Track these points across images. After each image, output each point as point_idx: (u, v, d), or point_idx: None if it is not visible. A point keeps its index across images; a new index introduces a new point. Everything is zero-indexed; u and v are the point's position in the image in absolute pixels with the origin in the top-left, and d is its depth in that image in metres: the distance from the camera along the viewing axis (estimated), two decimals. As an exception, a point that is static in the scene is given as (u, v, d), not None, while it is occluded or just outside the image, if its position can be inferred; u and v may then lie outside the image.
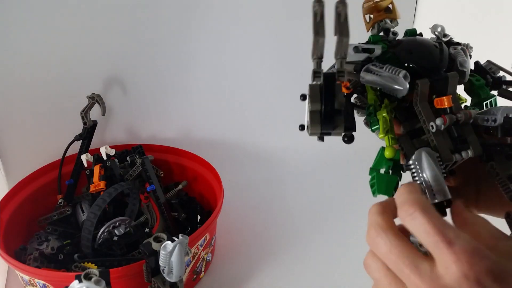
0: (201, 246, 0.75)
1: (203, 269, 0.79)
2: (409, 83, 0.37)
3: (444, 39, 0.45)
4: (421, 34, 0.48)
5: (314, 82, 0.37)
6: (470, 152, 0.37)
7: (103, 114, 0.89)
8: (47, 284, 0.66)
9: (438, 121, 0.37)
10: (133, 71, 0.99)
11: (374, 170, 0.40)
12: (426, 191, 0.35)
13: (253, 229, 0.91)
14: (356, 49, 0.42)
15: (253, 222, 0.93)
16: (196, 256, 0.75)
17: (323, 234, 0.90)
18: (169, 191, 0.86)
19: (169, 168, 0.95)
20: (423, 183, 0.36)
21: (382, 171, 0.40)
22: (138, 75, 0.99)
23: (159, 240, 0.58)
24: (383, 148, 0.40)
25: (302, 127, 0.39)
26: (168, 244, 0.56)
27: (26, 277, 0.68)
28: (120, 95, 0.99)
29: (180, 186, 0.87)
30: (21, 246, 0.77)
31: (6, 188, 0.92)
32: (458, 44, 0.45)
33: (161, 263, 0.57)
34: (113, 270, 0.61)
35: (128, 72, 0.98)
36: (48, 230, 0.80)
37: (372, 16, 0.48)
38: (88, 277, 0.49)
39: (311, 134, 0.37)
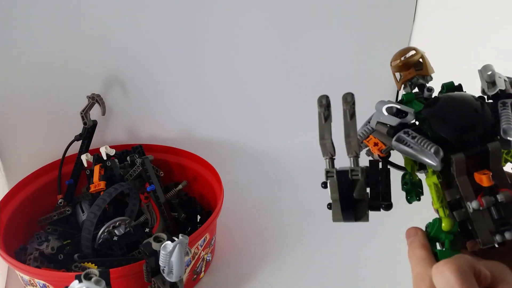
0: (201, 246, 0.75)
1: (203, 269, 0.79)
2: (444, 156, 0.35)
3: (491, 93, 0.39)
4: (460, 86, 0.43)
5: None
6: None
7: (103, 114, 0.89)
8: (47, 284, 0.66)
9: (474, 204, 0.34)
10: (133, 71, 0.99)
11: (433, 243, 0.38)
12: None
13: (253, 229, 0.91)
14: (390, 110, 0.39)
15: (253, 222, 0.93)
16: (196, 256, 0.75)
17: (323, 234, 0.90)
18: (169, 191, 0.86)
19: (169, 168, 0.95)
20: None
21: (438, 246, 0.37)
22: (138, 75, 0.99)
23: (159, 240, 0.58)
24: (439, 220, 0.38)
25: (329, 206, 0.38)
26: (168, 244, 0.56)
27: (26, 277, 0.68)
28: (120, 95, 0.99)
29: (180, 186, 0.87)
30: (21, 246, 0.77)
31: (6, 188, 0.92)
32: (510, 96, 0.39)
33: (161, 263, 0.57)
34: (113, 270, 0.61)
35: (128, 72, 0.98)
36: (48, 230, 0.80)
37: (402, 74, 0.45)
38: (88, 277, 0.49)
39: (334, 221, 0.38)
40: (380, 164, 0.40)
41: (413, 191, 0.40)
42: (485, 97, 0.40)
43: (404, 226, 0.43)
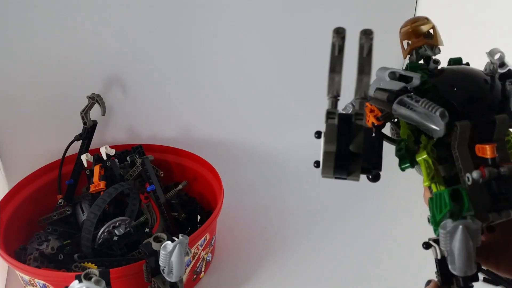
0: (201, 246, 0.75)
1: (203, 269, 0.79)
2: (448, 123, 0.33)
3: (501, 70, 0.38)
4: (468, 64, 0.41)
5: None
6: None
7: (103, 114, 0.89)
8: (47, 284, 0.66)
9: (475, 174, 0.32)
10: (133, 71, 0.99)
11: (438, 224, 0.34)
12: (448, 259, 0.32)
13: (253, 229, 0.91)
14: (393, 74, 0.37)
15: (253, 222, 0.93)
16: (196, 256, 0.75)
17: (323, 234, 0.90)
18: (169, 191, 0.86)
19: (169, 168, 0.95)
20: (449, 254, 0.32)
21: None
22: (138, 75, 0.99)
23: (159, 240, 0.58)
24: (435, 197, 0.35)
25: (317, 164, 0.34)
26: (168, 244, 0.56)
27: (26, 277, 0.68)
28: (120, 95, 0.99)
29: (180, 186, 0.87)
30: (21, 246, 0.77)
31: (6, 188, 0.92)
32: None
33: (161, 263, 0.57)
34: (113, 270, 0.61)
35: (128, 72, 0.98)
36: (48, 230, 0.80)
37: (410, 42, 0.42)
38: (88, 277, 0.49)
39: (323, 176, 0.33)
40: (374, 132, 0.38)
41: (407, 157, 0.37)
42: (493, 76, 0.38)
43: (405, 227, 0.43)
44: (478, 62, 0.44)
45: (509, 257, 0.37)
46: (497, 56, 0.38)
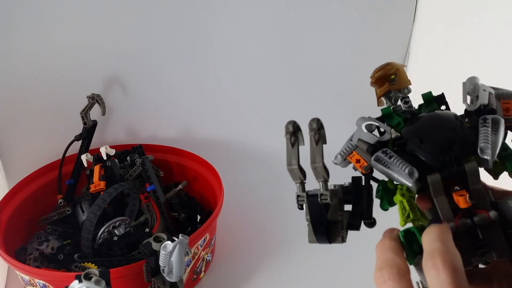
0: (201, 246, 0.75)
1: (203, 269, 0.79)
2: (421, 177, 0.35)
3: (472, 108, 0.38)
4: (441, 97, 0.42)
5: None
6: (494, 255, 0.34)
7: (103, 114, 0.89)
8: (47, 284, 0.66)
9: (450, 225, 0.34)
10: (133, 71, 0.98)
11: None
12: None
13: (253, 229, 0.91)
14: (369, 127, 0.39)
15: (253, 222, 0.93)
16: (196, 256, 0.75)
17: (323, 234, 0.90)
18: (169, 191, 0.86)
19: (169, 168, 0.95)
20: None
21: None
22: (138, 75, 0.99)
23: (159, 240, 0.58)
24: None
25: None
26: (168, 244, 0.56)
27: (26, 277, 0.68)
28: (120, 95, 0.99)
29: (180, 186, 0.87)
30: (21, 246, 0.77)
31: (6, 188, 0.92)
32: (492, 111, 0.38)
33: (161, 263, 0.57)
34: (113, 270, 0.61)
35: (128, 72, 0.98)
36: (48, 230, 0.80)
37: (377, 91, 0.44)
38: (88, 277, 0.49)
39: (310, 242, 0.40)
40: (363, 181, 0.40)
41: (385, 198, 0.40)
42: (469, 111, 0.39)
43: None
44: (478, 62, 0.44)
45: (510, 280, 0.38)
46: (470, 88, 0.39)
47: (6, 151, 0.94)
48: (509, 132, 0.38)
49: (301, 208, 0.38)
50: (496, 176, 0.38)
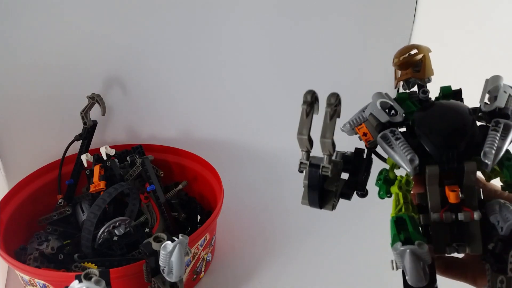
0: (201, 246, 0.75)
1: (203, 269, 0.79)
2: (421, 163, 0.36)
3: (487, 109, 0.38)
4: (459, 91, 0.42)
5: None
6: (468, 249, 0.35)
7: (103, 114, 0.89)
8: (47, 284, 0.66)
9: (435, 215, 0.36)
10: (133, 71, 0.99)
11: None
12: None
13: (253, 229, 0.91)
14: (384, 104, 0.40)
15: (253, 222, 0.93)
16: (196, 256, 0.75)
17: (323, 234, 0.90)
18: (169, 191, 0.86)
19: (169, 168, 0.95)
20: (404, 269, 0.35)
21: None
22: (138, 75, 0.99)
23: (159, 240, 0.58)
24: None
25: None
26: (168, 244, 0.56)
27: (26, 277, 0.68)
28: (120, 95, 0.99)
29: (180, 186, 0.87)
30: (21, 246, 0.77)
31: (6, 188, 0.92)
32: (506, 116, 0.37)
33: (161, 263, 0.57)
34: (113, 270, 0.61)
35: (128, 72, 0.98)
36: (48, 230, 0.80)
37: (399, 73, 0.44)
38: (88, 277, 0.49)
39: (302, 203, 0.41)
40: (365, 154, 0.42)
41: (384, 188, 0.40)
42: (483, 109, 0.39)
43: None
44: (478, 62, 0.43)
45: (484, 272, 0.39)
46: (493, 86, 0.38)
47: (6, 151, 0.94)
48: None
49: (301, 172, 0.39)
50: (488, 179, 0.39)
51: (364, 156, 0.42)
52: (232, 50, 1.03)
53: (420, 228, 0.37)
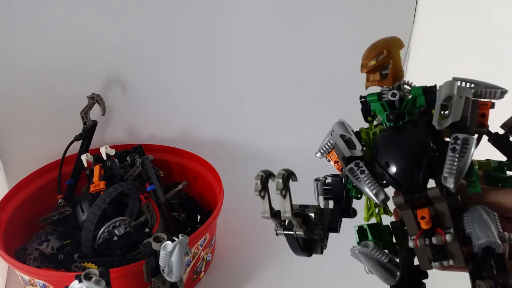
0: (201, 246, 0.75)
1: (203, 269, 0.79)
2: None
3: (442, 126, 0.36)
4: (432, 89, 0.39)
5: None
6: (451, 262, 0.36)
7: (103, 114, 0.89)
8: (47, 284, 0.66)
9: (410, 243, 0.36)
10: (133, 71, 0.99)
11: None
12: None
13: (253, 229, 0.91)
14: (344, 137, 0.41)
15: (253, 222, 0.93)
16: (196, 256, 0.75)
17: (323, 234, 0.89)
18: (169, 191, 0.86)
19: (169, 168, 0.95)
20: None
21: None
22: (138, 75, 0.99)
23: (159, 240, 0.58)
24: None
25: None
26: (168, 244, 0.56)
27: (26, 277, 0.68)
28: (120, 95, 0.99)
29: (180, 186, 0.87)
30: (21, 246, 0.77)
31: (6, 188, 0.92)
32: (465, 128, 0.36)
33: (161, 263, 0.57)
34: (113, 270, 0.61)
35: (128, 72, 0.98)
36: (48, 230, 0.80)
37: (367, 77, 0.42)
38: (88, 277, 0.49)
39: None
40: (344, 179, 0.43)
41: (354, 190, 0.41)
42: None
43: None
44: (478, 62, 0.43)
45: None
46: (444, 95, 0.37)
47: (6, 151, 0.94)
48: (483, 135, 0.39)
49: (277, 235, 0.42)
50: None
51: (343, 182, 0.43)
52: (232, 50, 1.03)
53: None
